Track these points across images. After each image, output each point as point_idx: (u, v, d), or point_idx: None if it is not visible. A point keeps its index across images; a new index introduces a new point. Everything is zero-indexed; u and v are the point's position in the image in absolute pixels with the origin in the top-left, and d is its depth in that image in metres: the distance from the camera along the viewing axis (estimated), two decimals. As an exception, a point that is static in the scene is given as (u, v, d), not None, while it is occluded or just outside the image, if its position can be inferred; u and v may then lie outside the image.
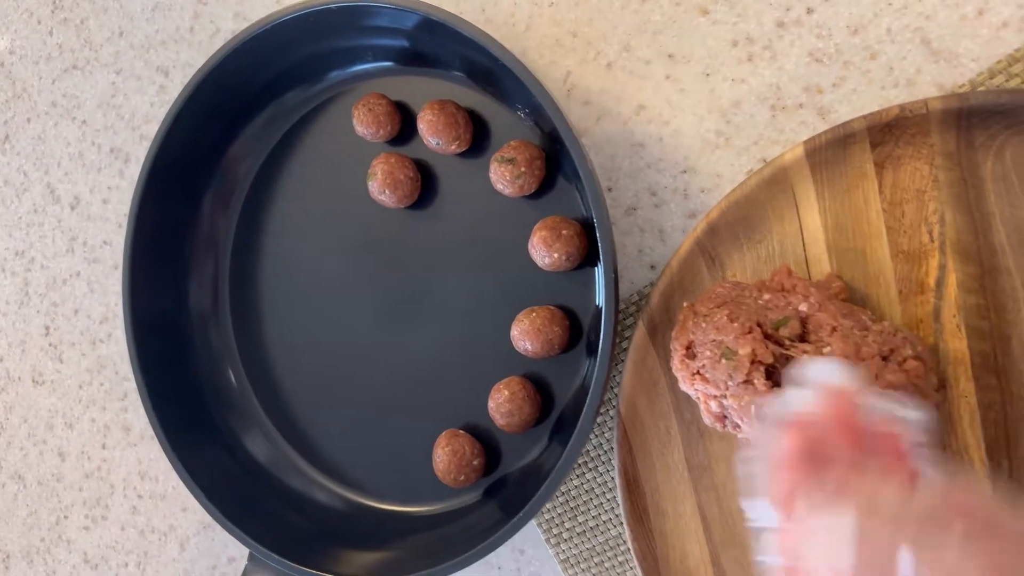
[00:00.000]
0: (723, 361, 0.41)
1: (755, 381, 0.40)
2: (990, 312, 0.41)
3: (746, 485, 0.33)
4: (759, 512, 0.32)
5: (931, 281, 0.42)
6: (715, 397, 0.41)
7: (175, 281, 0.60)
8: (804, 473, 0.31)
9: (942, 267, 0.42)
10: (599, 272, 0.50)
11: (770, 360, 0.40)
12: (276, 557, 0.53)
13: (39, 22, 0.70)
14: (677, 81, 0.49)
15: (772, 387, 0.39)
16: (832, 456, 0.31)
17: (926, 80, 0.44)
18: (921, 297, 0.42)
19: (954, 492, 0.29)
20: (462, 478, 0.52)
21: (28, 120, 0.71)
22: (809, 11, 0.46)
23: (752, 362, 0.40)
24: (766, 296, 0.42)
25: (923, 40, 0.44)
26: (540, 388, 0.52)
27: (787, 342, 0.41)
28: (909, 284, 0.42)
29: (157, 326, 0.59)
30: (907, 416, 0.33)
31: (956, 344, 0.42)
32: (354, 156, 0.56)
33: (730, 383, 0.40)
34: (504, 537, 0.47)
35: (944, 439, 0.42)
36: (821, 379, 0.34)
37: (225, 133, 0.58)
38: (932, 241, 0.42)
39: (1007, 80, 0.42)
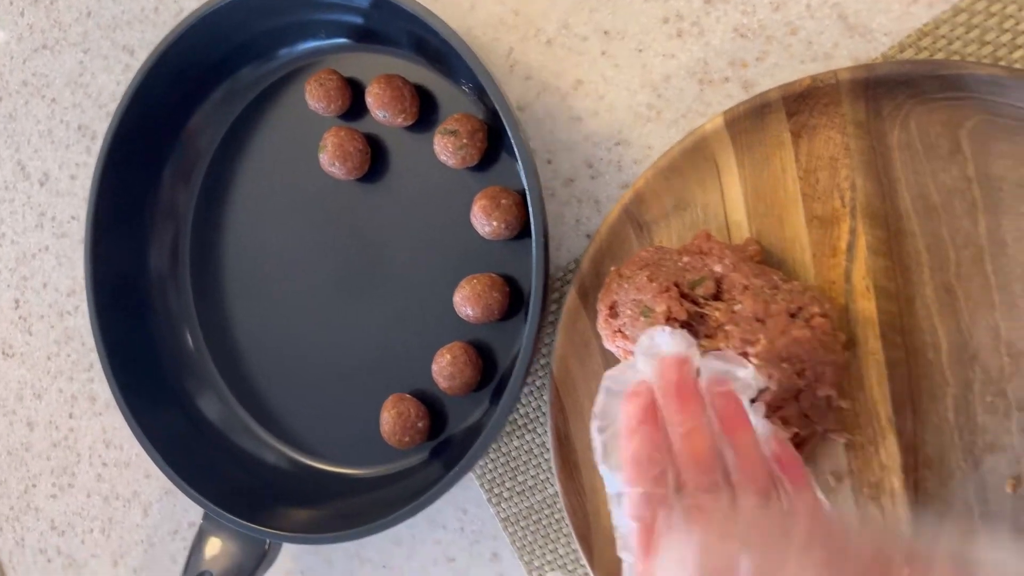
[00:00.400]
0: (641, 319, 0.43)
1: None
2: (896, 274, 0.43)
3: (599, 453, 0.35)
4: (611, 480, 0.35)
5: (843, 244, 0.44)
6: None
7: (136, 248, 0.62)
8: (649, 445, 0.33)
9: (853, 231, 0.44)
10: (537, 240, 0.52)
11: (684, 316, 0.42)
12: (229, 516, 0.55)
13: (11, 3, 0.72)
14: (612, 57, 0.51)
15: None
16: (671, 419, 0.34)
17: (842, 54, 0.46)
18: (833, 260, 0.44)
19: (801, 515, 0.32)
20: (407, 439, 0.54)
21: None
22: (735, -12, 0.48)
23: (668, 319, 0.42)
24: (685, 259, 0.44)
25: (840, 15, 0.46)
26: (483, 353, 0.54)
27: (702, 300, 0.43)
28: (822, 247, 0.45)
29: (118, 291, 0.61)
30: (738, 374, 0.35)
31: (865, 304, 0.44)
32: (307, 130, 0.58)
33: (647, 339, 0.42)
34: (439, 492, 0.49)
35: (853, 395, 0.44)
36: (656, 349, 0.36)
37: (184, 108, 0.60)
38: (844, 206, 0.44)
39: (917, 53, 0.44)
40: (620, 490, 0.34)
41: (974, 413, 0.41)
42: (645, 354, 0.37)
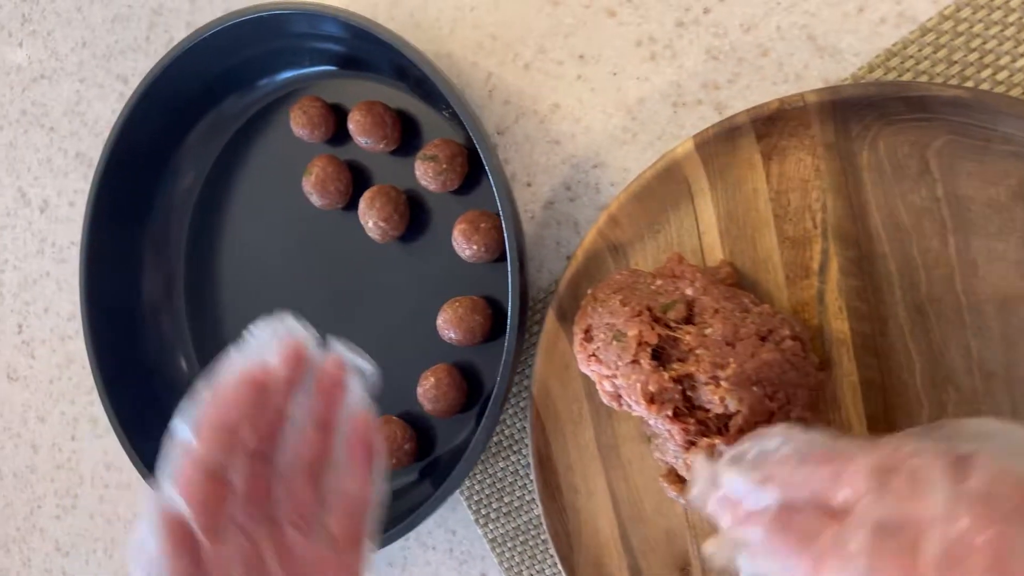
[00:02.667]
0: (614, 343, 0.43)
1: (641, 361, 0.42)
2: (869, 294, 0.43)
3: None
4: None
5: (815, 265, 0.44)
6: (608, 377, 0.44)
7: (129, 275, 0.63)
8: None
9: (825, 252, 0.44)
10: (517, 263, 0.52)
11: (655, 341, 0.42)
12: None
13: (10, 35, 0.73)
14: (588, 80, 0.52)
15: (658, 367, 0.42)
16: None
17: (813, 75, 0.46)
18: (806, 281, 0.44)
19: None
20: (394, 461, 0.55)
21: (0, 128, 0.74)
22: (706, 11, 0.48)
23: (639, 343, 0.42)
24: (658, 282, 0.45)
25: (809, 36, 0.46)
26: (467, 375, 0.55)
27: (673, 324, 0.43)
28: (795, 269, 0.45)
29: (113, 317, 0.62)
30: (359, 364, 0.40)
31: (839, 325, 0.44)
32: (293, 157, 0.59)
33: (619, 363, 0.43)
34: (424, 514, 0.50)
35: (829, 416, 0.44)
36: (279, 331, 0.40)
37: (173, 137, 0.62)
38: (815, 228, 0.44)
39: (885, 73, 0.44)
40: None
41: (948, 433, 0.41)
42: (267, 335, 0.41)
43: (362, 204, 0.54)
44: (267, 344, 0.39)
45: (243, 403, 0.37)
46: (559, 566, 0.50)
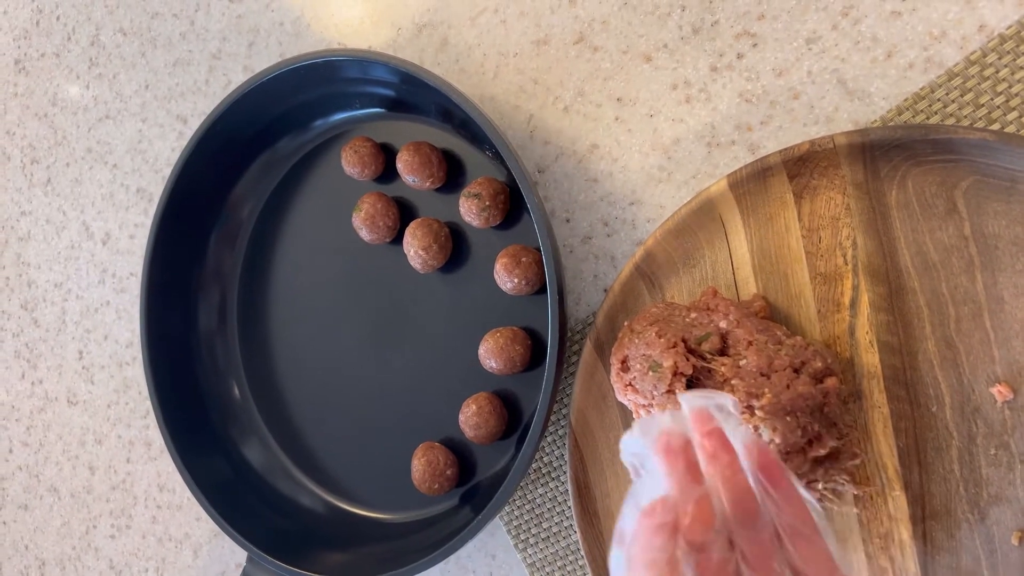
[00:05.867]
0: (650, 373, 0.45)
1: (677, 390, 0.44)
2: (899, 328, 0.44)
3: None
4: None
5: (846, 300, 0.46)
6: (644, 406, 0.46)
7: (186, 306, 0.66)
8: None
9: (856, 288, 0.45)
10: (557, 296, 0.55)
11: (690, 371, 0.44)
12: (269, 559, 0.59)
13: (78, 77, 0.78)
14: (625, 122, 0.54)
15: (693, 397, 0.43)
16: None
17: (843, 117, 0.48)
18: (838, 315, 0.46)
19: None
20: (436, 487, 0.57)
21: (67, 164, 0.79)
22: (739, 56, 0.50)
23: (674, 374, 0.44)
24: (693, 315, 0.47)
25: (839, 80, 0.48)
26: (508, 403, 0.57)
27: (708, 356, 0.45)
28: (827, 304, 0.46)
29: (170, 346, 0.65)
30: (721, 403, 0.36)
31: (869, 359, 0.45)
32: (344, 194, 0.62)
33: (655, 392, 0.44)
34: (465, 538, 0.52)
35: (862, 447, 0.45)
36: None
37: (229, 176, 0.65)
38: (846, 264, 0.46)
39: (913, 116, 0.46)
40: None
41: (978, 465, 0.42)
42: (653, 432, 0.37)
43: (406, 235, 0.57)
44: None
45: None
46: (596, 591, 0.51)
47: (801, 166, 0.46)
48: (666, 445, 0.35)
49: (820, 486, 0.45)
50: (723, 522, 0.33)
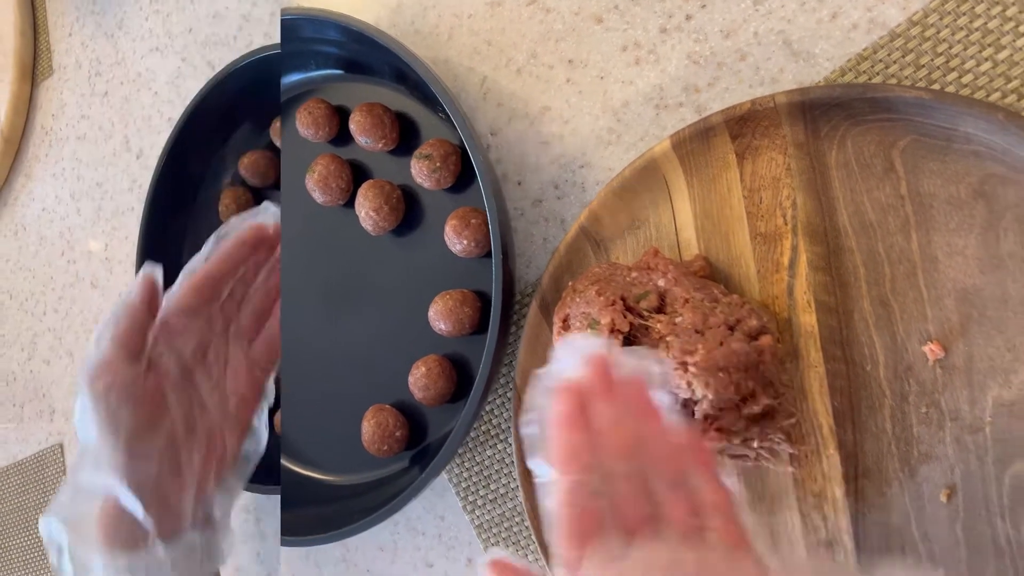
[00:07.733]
0: (589, 330, 0.45)
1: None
2: (836, 288, 0.44)
3: (529, 446, 0.37)
4: (541, 470, 0.36)
5: (785, 260, 0.46)
6: (582, 364, 0.46)
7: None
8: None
9: (795, 248, 0.45)
10: (506, 258, 0.55)
11: (626, 328, 0.44)
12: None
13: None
14: (576, 84, 0.54)
15: (629, 353, 0.44)
16: (596, 413, 0.35)
17: (788, 78, 0.48)
18: (777, 275, 0.46)
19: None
20: (385, 448, 0.57)
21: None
22: (688, 17, 0.50)
23: (611, 331, 0.44)
24: (634, 274, 0.47)
25: (785, 42, 0.48)
26: (457, 365, 0.57)
27: (646, 313, 0.45)
28: (767, 264, 0.46)
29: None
30: (651, 368, 0.37)
31: (807, 318, 0.45)
32: (298, 156, 0.62)
33: (593, 350, 0.44)
34: (407, 497, 0.52)
35: (798, 406, 0.45)
36: (578, 348, 0.38)
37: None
38: (786, 224, 0.46)
39: (856, 76, 0.46)
40: (550, 479, 0.36)
41: (910, 424, 0.43)
42: (568, 354, 0.38)
43: (358, 196, 0.57)
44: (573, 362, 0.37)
45: None
46: (537, 547, 0.51)
47: (743, 126, 0.46)
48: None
49: (756, 444, 0.45)
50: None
